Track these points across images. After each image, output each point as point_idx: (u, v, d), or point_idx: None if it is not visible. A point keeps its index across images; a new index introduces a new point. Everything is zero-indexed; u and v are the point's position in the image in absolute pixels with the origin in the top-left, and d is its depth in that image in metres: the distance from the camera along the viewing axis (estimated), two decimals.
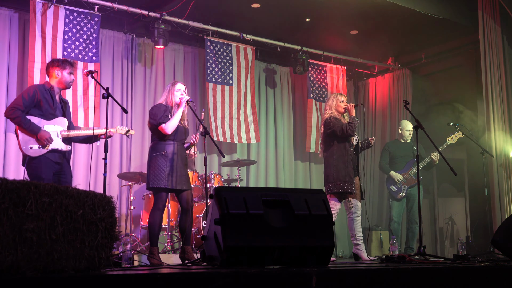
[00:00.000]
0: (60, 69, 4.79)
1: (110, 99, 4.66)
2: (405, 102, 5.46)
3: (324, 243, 3.12)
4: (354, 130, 5.38)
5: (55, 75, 4.80)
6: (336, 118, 5.48)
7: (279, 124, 8.76)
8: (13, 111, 4.57)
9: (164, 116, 4.73)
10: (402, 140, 7.23)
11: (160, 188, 4.69)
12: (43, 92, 4.71)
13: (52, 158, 4.67)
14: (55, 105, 4.78)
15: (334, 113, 5.52)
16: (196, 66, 8.16)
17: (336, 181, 5.34)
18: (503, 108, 7.09)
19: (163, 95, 4.98)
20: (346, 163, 5.36)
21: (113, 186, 7.05)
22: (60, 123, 4.79)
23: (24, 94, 4.70)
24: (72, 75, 4.85)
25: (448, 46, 8.48)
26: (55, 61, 4.88)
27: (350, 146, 5.46)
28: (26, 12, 6.54)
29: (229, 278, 2.28)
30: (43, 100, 4.68)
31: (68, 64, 4.84)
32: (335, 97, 5.62)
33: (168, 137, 4.77)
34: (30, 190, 2.13)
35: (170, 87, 4.93)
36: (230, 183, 7.22)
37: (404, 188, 6.97)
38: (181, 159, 4.81)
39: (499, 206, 6.91)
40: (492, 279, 3.07)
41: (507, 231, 4.36)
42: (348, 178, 5.33)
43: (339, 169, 5.35)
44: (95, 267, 2.41)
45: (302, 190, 3.69)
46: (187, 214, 4.81)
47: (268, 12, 7.49)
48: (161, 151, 4.72)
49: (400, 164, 7.08)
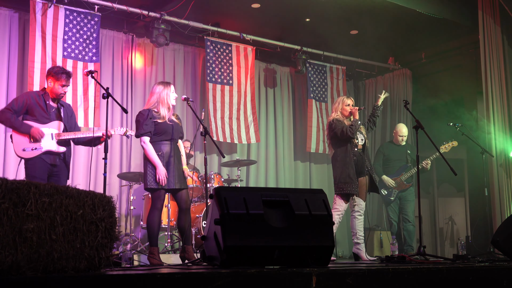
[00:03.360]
0: (54, 80, 4.86)
1: (110, 99, 4.67)
2: (405, 102, 5.47)
3: (324, 243, 3.12)
4: (354, 132, 5.42)
5: (48, 83, 4.90)
6: (338, 120, 5.54)
7: (279, 124, 8.76)
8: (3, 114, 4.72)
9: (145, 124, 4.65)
10: (396, 143, 7.22)
11: (158, 188, 4.69)
12: (35, 98, 4.83)
13: (47, 159, 4.76)
14: (49, 110, 4.86)
15: (339, 116, 5.58)
16: (196, 66, 8.15)
17: (338, 183, 5.45)
18: (503, 108, 7.09)
19: (153, 96, 4.80)
20: (346, 165, 5.41)
21: (113, 186, 7.05)
22: (54, 126, 4.87)
23: (14, 99, 4.87)
24: (65, 87, 4.91)
25: (448, 46, 8.48)
26: (53, 70, 4.94)
27: (353, 147, 5.49)
28: (26, 12, 6.54)
29: (229, 278, 2.28)
30: (35, 106, 4.79)
31: (64, 76, 4.87)
32: (342, 100, 5.68)
33: (163, 137, 4.75)
34: (30, 190, 2.13)
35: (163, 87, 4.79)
36: (230, 183, 7.22)
37: (395, 192, 7.01)
38: (177, 158, 4.80)
39: (499, 206, 6.91)
40: (492, 279, 3.07)
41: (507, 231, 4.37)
42: (348, 180, 5.37)
43: (341, 171, 5.44)
44: (95, 267, 2.41)
45: (302, 190, 3.69)
46: (186, 213, 4.80)
47: (268, 12, 7.50)
48: (157, 152, 4.70)
49: (393, 168, 7.10)
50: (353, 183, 5.39)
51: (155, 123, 4.70)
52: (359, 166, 5.49)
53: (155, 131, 4.71)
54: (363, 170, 5.52)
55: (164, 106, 4.77)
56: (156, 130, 4.71)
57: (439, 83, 8.61)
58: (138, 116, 4.77)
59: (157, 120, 4.71)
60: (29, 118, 4.78)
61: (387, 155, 7.18)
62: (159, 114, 4.73)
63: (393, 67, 9.14)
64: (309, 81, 8.60)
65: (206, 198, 5.19)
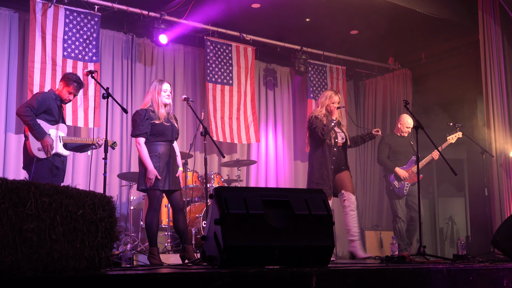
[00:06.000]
0: (64, 85, 5.01)
1: (110, 99, 4.68)
2: (405, 102, 5.43)
3: (324, 243, 3.12)
4: (326, 134, 5.27)
5: (58, 86, 5.09)
6: (317, 117, 5.36)
7: (279, 124, 8.76)
8: (26, 110, 4.76)
9: (141, 125, 4.65)
10: (399, 134, 7.02)
11: (151, 189, 4.68)
12: (52, 100, 4.95)
13: (54, 161, 4.91)
14: (60, 112, 5.04)
15: (322, 111, 5.40)
16: (196, 66, 8.15)
17: (310, 182, 5.37)
18: (503, 108, 7.08)
19: (148, 94, 4.83)
20: (321, 165, 5.30)
21: (113, 186, 7.06)
22: (61, 129, 5.04)
23: (37, 96, 4.93)
24: (72, 95, 5.05)
25: (448, 46, 8.48)
26: (67, 75, 5.08)
27: (330, 147, 5.34)
28: (26, 12, 6.54)
29: (229, 278, 2.28)
30: (53, 108, 4.93)
31: (74, 85, 5.01)
32: (330, 96, 5.47)
33: (160, 138, 4.74)
34: (30, 190, 2.13)
35: (156, 85, 4.79)
36: (230, 183, 7.22)
37: (407, 185, 6.82)
38: (173, 159, 4.80)
39: (499, 206, 6.91)
40: (492, 279, 3.07)
41: (507, 231, 4.37)
42: (320, 181, 5.28)
43: (314, 171, 5.34)
44: (95, 267, 2.41)
45: (302, 190, 3.69)
46: (181, 214, 4.83)
47: (268, 12, 7.49)
48: (154, 152, 4.70)
49: (402, 161, 6.86)
50: (326, 185, 5.26)
51: (152, 124, 4.69)
52: (337, 163, 5.36)
53: (151, 132, 4.70)
54: (341, 167, 5.38)
55: (159, 106, 4.75)
56: (153, 131, 4.70)
57: (439, 83, 8.61)
58: (135, 115, 4.75)
59: (154, 121, 4.70)
60: (43, 117, 4.88)
61: (394, 147, 6.93)
62: (156, 114, 4.72)
63: (393, 67, 9.14)
64: (309, 81, 8.60)
65: (206, 198, 5.19)
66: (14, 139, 6.49)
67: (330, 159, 5.33)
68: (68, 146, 5.12)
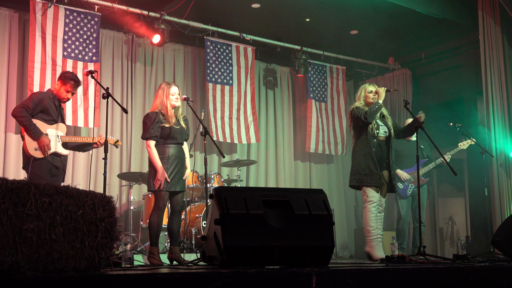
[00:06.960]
0: (61, 83, 4.99)
1: (110, 99, 4.68)
2: (405, 102, 5.40)
3: (324, 243, 3.12)
4: (369, 115, 5.07)
5: (56, 85, 5.05)
6: (358, 107, 5.22)
7: (279, 124, 8.76)
8: (21, 111, 4.75)
9: (152, 128, 4.70)
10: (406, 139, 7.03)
11: (162, 190, 4.72)
12: (49, 99, 4.93)
13: (52, 161, 4.87)
14: (58, 111, 5.00)
15: (362, 103, 5.29)
16: (196, 66, 8.15)
17: (355, 174, 5.17)
18: (503, 108, 7.08)
19: (156, 98, 4.87)
20: (366, 156, 5.11)
21: (113, 186, 7.06)
22: (60, 129, 5.00)
23: (34, 96, 4.91)
24: (70, 93, 5.02)
25: (448, 46, 8.48)
26: (64, 74, 5.06)
27: (372, 137, 5.16)
28: (26, 12, 6.54)
29: (229, 278, 2.28)
30: (50, 108, 4.90)
31: (71, 83, 4.98)
32: (364, 87, 5.38)
33: (170, 141, 4.78)
34: (30, 190, 2.13)
35: (165, 88, 4.84)
36: (230, 183, 7.22)
37: (411, 187, 6.79)
38: (181, 161, 4.83)
39: (499, 206, 6.91)
40: (492, 279, 3.07)
41: (507, 231, 4.37)
42: (368, 171, 5.08)
43: (359, 162, 5.15)
44: (95, 267, 2.41)
45: (302, 190, 3.69)
46: (177, 215, 4.88)
47: (268, 12, 7.50)
48: (163, 155, 4.74)
49: (408, 164, 6.81)
50: (374, 175, 5.06)
51: (162, 127, 4.74)
52: (382, 158, 5.20)
53: (161, 135, 4.76)
54: (382, 163, 5.19)
55: (169, 109, 4.80)
56: (163, 134, 4.75)
57: (439, 83, 8.61)
58: (145, 118, 4.82)
59: (164, 125, 4.74)
60: (40, 117, 4.85)
61: (399, 151, 6.84)
62: (165, 118, 4.76)
63: (393, 67, 9.14)
64: (309, 81, 8.60)
65: (206, 198, 5.19)
66: (14, 139, 6.49)
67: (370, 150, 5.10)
68: (69, 145, 5.11)
